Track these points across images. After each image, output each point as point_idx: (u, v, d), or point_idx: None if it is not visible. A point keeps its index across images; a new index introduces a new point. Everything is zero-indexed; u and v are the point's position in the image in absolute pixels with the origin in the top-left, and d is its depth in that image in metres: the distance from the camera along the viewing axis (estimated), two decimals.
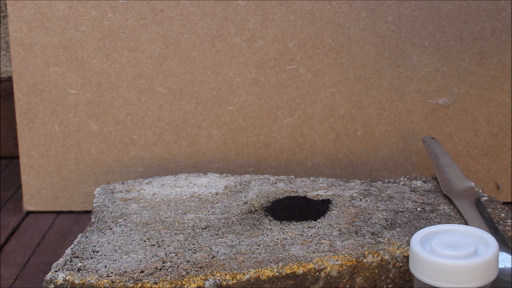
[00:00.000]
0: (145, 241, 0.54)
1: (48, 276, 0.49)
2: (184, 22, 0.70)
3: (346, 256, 0.50)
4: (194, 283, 0.48)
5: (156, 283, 0.48)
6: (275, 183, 0.65)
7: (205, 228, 0.56)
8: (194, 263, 0.50)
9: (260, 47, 0.70)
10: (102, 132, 0.72)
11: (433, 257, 0.40)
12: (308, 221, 0.57)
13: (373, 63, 0.70)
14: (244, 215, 0.58)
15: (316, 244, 0.52)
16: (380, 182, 0.64)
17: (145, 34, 0.70)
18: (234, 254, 0.51)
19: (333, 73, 0.71)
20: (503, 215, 0.57)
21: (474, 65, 0.70)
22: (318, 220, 0.57)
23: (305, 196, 0.61)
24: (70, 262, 0.51)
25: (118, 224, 0.57)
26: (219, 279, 0.48)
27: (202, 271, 0.49)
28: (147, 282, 0.48)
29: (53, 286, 0.48)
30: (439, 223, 0.56)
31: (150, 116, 0.72)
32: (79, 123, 0.72)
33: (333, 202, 0.60)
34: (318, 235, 0.54)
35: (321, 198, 0.61)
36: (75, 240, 0.55)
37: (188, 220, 0.58)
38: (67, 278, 0.49)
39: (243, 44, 0.70)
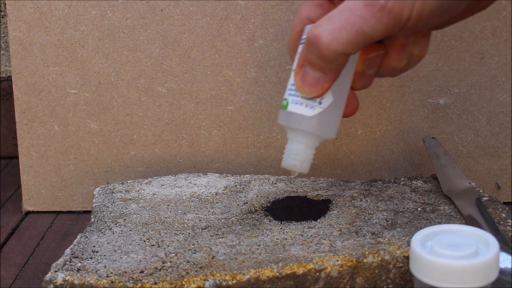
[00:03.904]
0: (144, 241, 0.54)
1: (48, 276, 0.49)
2: (184, 21, 0.69)
3: (346, 256, 0.50)
4: (194, 283, 0.48)
5: (155, 283, 0.48)
6: (275, 183, 0.64)
7: (205, 228, 0.56)
8: (194, 263, 0.50)
9: (260, 47, 0.70)
10: (101, 132, 0.72)
11: (434, 258, 0.40)
12: (308, 221, 0.57)
13: None
14: (244, 215, 0.58)
15: (316, 244, 0.52)
16: (380, 182, 0.64)
17: (144, 33, 0.70)
18: (234, 254, 0.51)
19: None
20: (503, 215, 0.57)
21: (474, 64, 0.70)
22: (318, 220, 0.57)
23: (305, 196, 0.61)
24: (70, 262, 0.51)
25: (117, 224, 0.57)
26: (219, 280, 0.48)
27: (202, 271, 0.49)
28: (147, 282, 0.48)
29: (52, 286, 0.48)
30: (439, 223, 0.56)
31: (150, 116, 0.71)
32: (79, 123, 0.71)
33: (333, 202, 0.60)
34: (318, 235, 0.54)
35: (321, 198, 0.61)
36: (75, 240, 0.54)
37: (188, 220, 0.58)
38: (66, 278, 0.48)
39: (243, 44, 0.70)
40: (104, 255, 0.52)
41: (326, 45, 0.46)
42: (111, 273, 0.49)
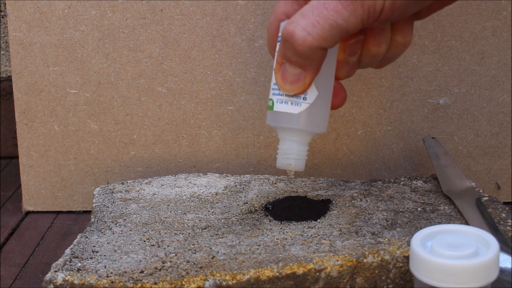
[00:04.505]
0: (144, 241, 0.54)
1: (48, 276, 0.49)
2: (184, 21, 0.69)
3: (346, 256, 0.50)
4: (194, 283, 0.48)
5: (156, 283, 0.48)
6: (275, 183, 0.64)
7: (205, 228, 0.56)
8: (194, 263, 0.50)
9: (260, 47, 0.70)
10: (101, 132, 0.72)
11: (434, 258, 0.40)
12: (308, 221, 0.57)
13: None
14: (244, 215, 0.58)
15: (316, 244, 0.52)
16: (380, 182, 0.64)
17: (144, 33, 0.70)
18: (234, 254, 0.51)
19: None
20: (503, 215, 0.57)
21: (474, 64, 0.70)
22: (318, 220, 0.57)
23: (305, 196, 0.61)
24: (70, 262, 0.51)
25: (117, 224, 0.57)
26: (219, 279, 0.48)
27: (202, 271, 0.49)
28: (147, 282, 0.48)
29: (52, 286, 0.48)
30: (439, 223, 0.56)
31: (150, 116, 0.71)
32: (79, 123, 0.71)
33: (333, 202, 0.60)
34: (318, 235, 0.54)
35: (321, 198, 0.61)
36: (75, 240, 0.54)
37: (188, 220, 0.58)
38: (66, 278, 0.48)
39: (243, 44, 0.70)
40: (104, 255, 0.52)
41: (301, 41, 0.46)
42: (111, 273, 0.49)
